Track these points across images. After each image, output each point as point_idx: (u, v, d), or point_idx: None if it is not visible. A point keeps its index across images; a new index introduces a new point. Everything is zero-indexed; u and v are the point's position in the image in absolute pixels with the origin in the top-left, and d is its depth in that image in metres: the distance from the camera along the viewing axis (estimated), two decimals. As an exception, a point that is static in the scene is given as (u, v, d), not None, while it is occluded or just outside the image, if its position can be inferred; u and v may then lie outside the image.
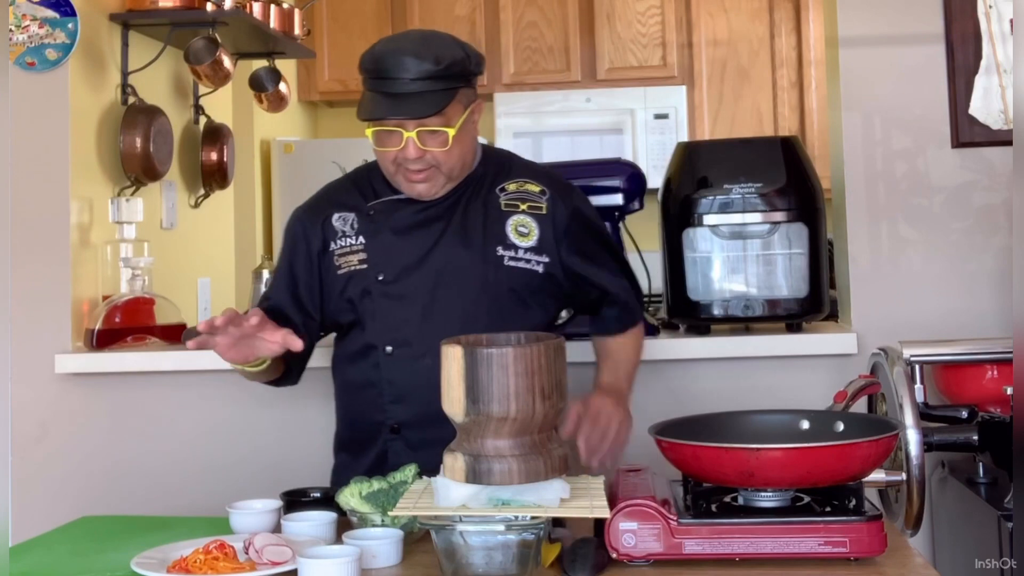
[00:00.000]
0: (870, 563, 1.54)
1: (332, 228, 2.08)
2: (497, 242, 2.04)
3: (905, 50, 2.60)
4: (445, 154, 1.97)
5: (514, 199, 2.07)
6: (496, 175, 2.10)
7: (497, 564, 1.48)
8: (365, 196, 2.10)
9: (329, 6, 4.87)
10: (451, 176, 2.02)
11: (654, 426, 1.70)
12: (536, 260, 2.04)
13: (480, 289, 2.01)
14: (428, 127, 1.94)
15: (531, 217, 2.06)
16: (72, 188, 2.69)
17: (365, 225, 2.07)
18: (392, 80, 1.92)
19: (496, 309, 2.00)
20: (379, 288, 2.03)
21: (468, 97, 2.00)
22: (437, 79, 1.92)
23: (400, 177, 2.01)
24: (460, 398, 1.48)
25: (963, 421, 2.16)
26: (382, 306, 2.03)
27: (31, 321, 2.65)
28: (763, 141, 2.88)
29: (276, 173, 4.50)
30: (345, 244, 2.07)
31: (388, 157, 1.99)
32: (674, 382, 2.53)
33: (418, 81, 1.91)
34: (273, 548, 1.57)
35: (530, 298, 2.05)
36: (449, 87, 1.94)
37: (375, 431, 2.06)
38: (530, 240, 2.05)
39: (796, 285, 2.47)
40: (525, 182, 2.09)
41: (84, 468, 2.64)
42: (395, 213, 2.06)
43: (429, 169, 1.98)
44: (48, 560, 1.73)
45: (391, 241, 2.04)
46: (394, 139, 1.96)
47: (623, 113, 4.76)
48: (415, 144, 1.94)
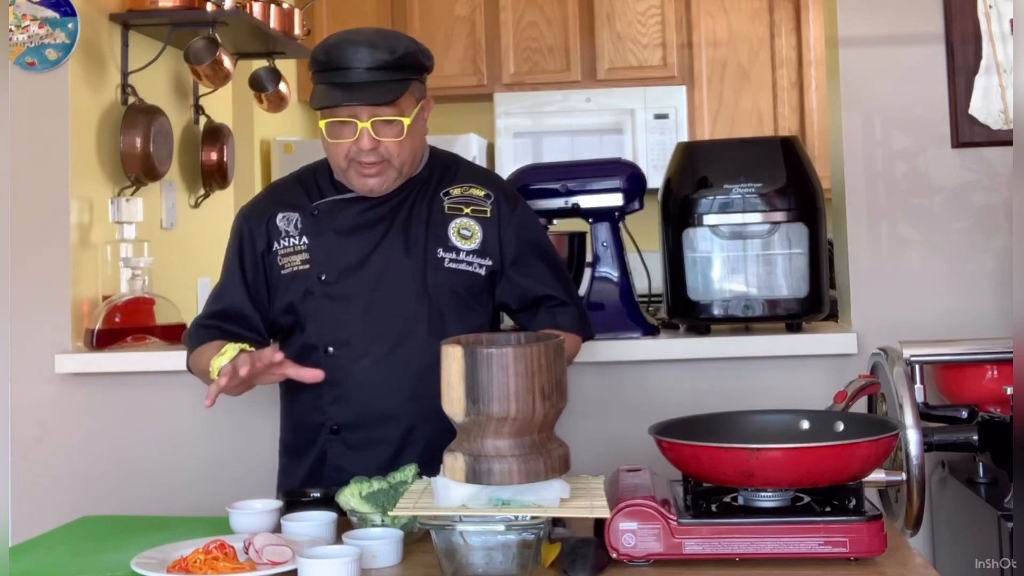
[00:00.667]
0: (870, 563, 1.54)
1: (276, 228, 2.09)
2: (438, 244, 2.04)
3: (905, 50, 2.60)
4: (398, 146, 1.98)
5: (458, 203, 2.09)
6: (441, 179, 2.11)
7: (497, 564, 1.48)
8: (310, 195, 2.10)
9: (329, 6, 4.87)
10: (402, 171, 2.03)
11: (654, 426, 1.70)
12: (479, 263, 2.05)
13: (420, 291, 2.02)
14: (382, 117, 1.96)
15: (475, 220, 2.07)
16: (72, 188, 2.69)
17: (309, 225, 2.07)
18: (346, 70, 1.94)
19: (436, 311, 2.02)
20: (321, 288, 2.04)
21: (420, 92, 2.03)
22: (391, 69, 1.95)
23: (352, 172, 2.02)
24: (460, 398, 1.49)
25: (963, 421, 2.16)
26: (323, 307, 2.04)
27: (31, 321, 2.65)
28: (763, 141, 2.88)
29: (276, 173, 4.50)
30: (289, 244, 2.07)
31: (340, 151, 2.00)
32: (674, 382, 2.53)
33: (373, 70, 1.94)
34: (273, 548, 1.57)
35: (472, 300, 2.05)
36: (403, 78, 1.97)
37: (315, 432, 2.07)
38: (472, 243, 2.06)
39: (796, 285, 2.47)
40: (470, 186, 2.10)
41: (84, 468, 2.64)
42: (339, 214, 2.07)
43: (381, 163, 1.99)
44: (48, 560, 1.73)
45: (334, 242, 2.05)
46: (348, 131, 1.98)
47: (623, 113, 4.76)
48: (369, 134, 1.96)
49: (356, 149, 1.98)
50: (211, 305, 2.14)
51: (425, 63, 2.03)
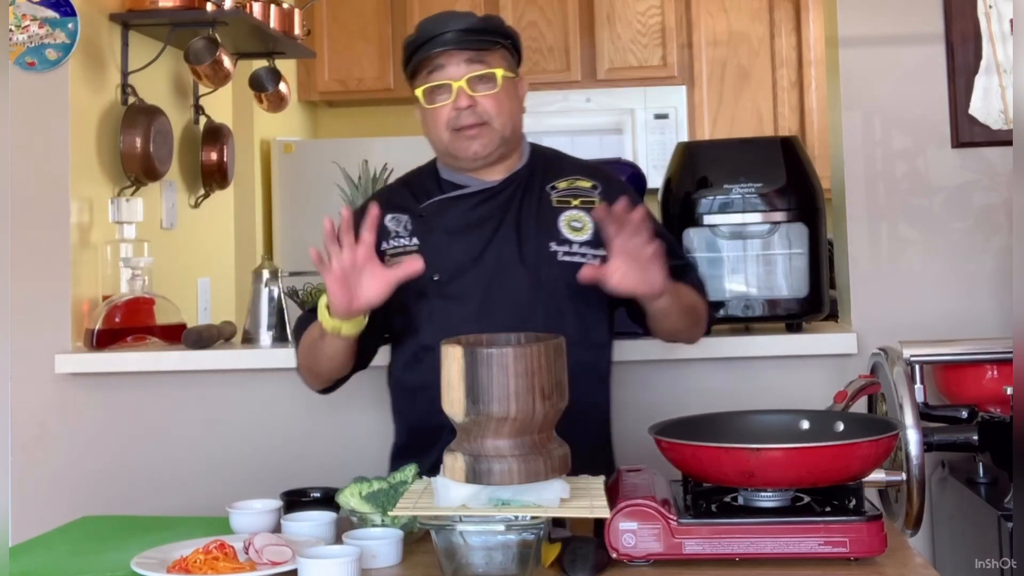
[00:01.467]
0: (870, 563, 1.54)
1: (385, 228, 2.06)
2: (550, 238, 2.02)
3: (905, 50, 2.60)
4: (495, 104, 2.00)
5: (565, 195, 2.07)
6: (546, 172, 2.10)
7: (497, 564, 1.48)
8: (417, 198, 2.09)
9: (329, 6, 4.87)
10: (503, 135, 2.02)
11: (654, 426, 1.70)
12: (592, 254, 2.01)
13: (534, 285, 2.00)
14: (475, 72, 1.99)
15: (584, 212, 2.05)
16: (72, 188, 2.69)
17: (418, 226, 2.06)
18: (435, 37, 2.00)
19: (553, 306, 1.99)
20: (434, 288, 2.01)
21: (510, 63, 2.06)
22: (480, 31, 2.01)
23: (454, 142, 2.02)
24: (460, 398, 1.49)
25: (963, 421, 2.16)
26: (438, 307, 2.01)
27: (31, 321, 2.65)
28: (763, 141, 2.88)
29: (276, 173, 4.50)
30: (398, 244, 2.05)
31: (441, 121, 2.01)
32: (674, 382, 2.53)
33: (461, 32, 2.00)
34: (273, 548, 1.57)
35: (588, 292, 1.99)
36: (492, 39, 2.02)
37: (434, 435, 1.98)
38: (584, 234, 2.03)
39: (796, 285, 2.47)
40: (576, 178, 2.10)
41: (84, 468, 2.64)
42: (447, 213, 2.06)
43: (482, 124, 2.00)
44: (48, 560, 1.73)
45: (445, 241, 2.03)
46: (443, 94, 2.00)
47: (623, 113, 4.76)
48: (465, 92, 1.98)
49: (455, 112, 1.99)
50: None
51: (514, 35, 2.08)
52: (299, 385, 2.37)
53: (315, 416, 2.60)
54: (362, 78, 4.91)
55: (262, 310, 2.65)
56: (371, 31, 4.91)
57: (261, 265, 2.69)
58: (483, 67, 2.00)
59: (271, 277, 2.67)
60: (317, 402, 2.58)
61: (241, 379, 2.63)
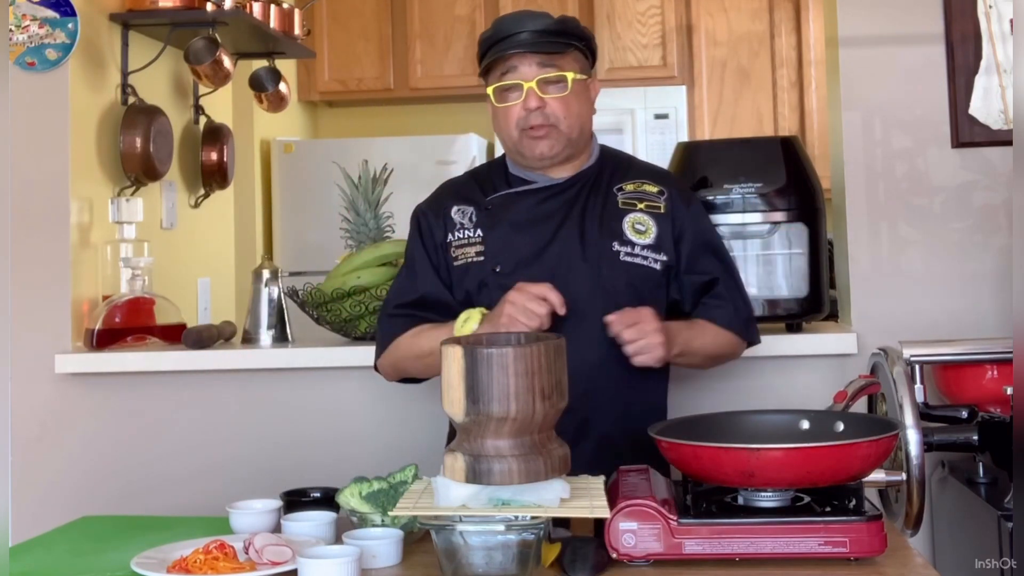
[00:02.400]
0: (870, 563, 1.54)
1: (451, 220, 2.11)
2: (613, 238, 2.05)
3: (905, 50, 2.60)
4: (564, 107, 2.03)
5: (631, 198, 2.10)
6: (613, 174, 2.13)
7: (497, 564, 1.48)
8: (484, 191, 2.13)
9: (329, 6, 4.87)
10: (571, 136, 2.05)
11: (654, 426, 1.70)
12: (654, 258, 2.05)
13: (595, 284, 2.02)
14: (547, 75, 2.02)
15: (649, 215, 2.08)
16: (72, 188, 2.69)
17: (483, 218, 2.09)
18: (510, 37, 2.02)
19: (611, 304, 1.99)
20: (495, 280, 2.03)
21: (583, 64, 2.09)
22: (555, 33, 2.04)
23: (523, 141, 2.05)
24: (460, 398, 1.48)
25: (963, 421, 2.16)
26: (495, 298, 2.00)
27: (31, 321, 2.65)
28: (763, 141, 2.88)
29: (276, 173, 4.50)
30: (463, 236, 2.09)
31: (511, 119, 2.04)
32: (674, 382, 2.53)
33: (536, 33, 2.03)
34: (273, 548, 1.57)
35: (648, 294, 2.04)
36: (566, 41, 2.04)
37: None
38: (647, 238, 2.06)
39: (796, 285, 2.47)
40: (643, 182, 2.12)
41: (84, 468, 2.64)
42: (513, 206, 2.09)
43: (549, 126, 2.03)
44: (48, 560, 1.73)
45: (508, 234, 2.06)
46: (514, 93, 2.04)
47: (623, 113, 4.76)
48: (535, 93, 2.02)
49: (524, 112, 2.03)
50: (401, 296, 2.11)
51: (589, 37, 2.10)
52: (299, 385, 2.38)
53: (315, 416, 2.60)
54: (362, 78, 4.91)
55: (262, 310, 2.65)
56: (371, 31, 4.90)
57: (261, 265, 2.69)
58: (555, 70, 2.03)
59: (271, 277, 2.67)
60: (317, 402, 2.58)
61: (241, 379, 2.63)
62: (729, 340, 2.11)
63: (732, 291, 2.12)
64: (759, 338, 2.18)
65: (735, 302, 2.12)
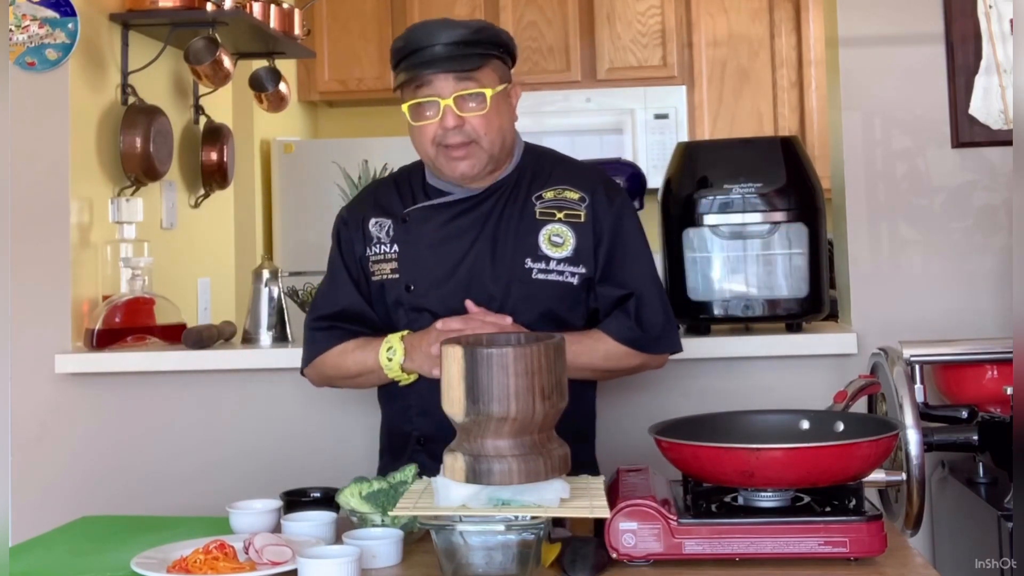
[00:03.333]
0: (870, 563, 1.54)
1: (369, 233, 2.06)
2: (527, 253, 1.99)
3: (905, 50, 2.60)
4: (484, 122, 1.93)
5: (550, 207, 2.02)
6: (533, 180, 2.05)
7: (497, 564, 1.48)
8: (403, 199, 2.07)
9: (329, 6, 4.87)
10: (492, 153, 1.97)
11: (654, 426, 1.70)
12: (571, 271, 1.99)
13: (504, 304, 1.97)
14: (464, 91, 1.92)
15: (567, 226, 2.00)
16: (72, 188, 2.69)
17: (400, 233, 2.04)
18: (424, 49, 1.92)
19: (526, 323, 1.96)
20: (408, 299, 2.01)
21: (503, 72, 1.99)
22: (470, 44, 1.92)
23: (441, 158, 1.97)
24: (460, 398, 1.48)
25: (963, 421, 2.16)
26: (411, 318, 2.01)
27: (31, 321, 2.65)
28: (763, 141, 2.88)
29: (276, 173, 4.50)
30: (379, 252, 2.05)
31: (427, 136, 1.95)
32: (674, 382, 2.53)
33: (450, 45, 1.92)
34: (273, 548, 1.57)
35: (563, 313, 1.99)
36: (483, 52, 1.94)
37: (404, 441, 2.05)
38: (564, 250, 1.99)
39: (796, 285, 2.47)
40: (564, 189, 2.03)
41: (84, 468, 2.64)
42: (429, 221, 2.03)
43: (469, 144, 1.94)
44: (48, 560, 1.73)
45: (422, 253, 2.02)
46: (430, 110, 1.94)
47: (623, 113, 4.76)
48: (453, 111, 1.92)
49: (441, 131, 1.93)
50: (325, 307, 2.08)
51: (507, 41, 1.99)
52: (299, 385, 2.37)
53: (315, 416, 2.60)
54: (362, 78, 4.91)
55: (262, 310, 2.65)
56: (371, 31, 4.90)
57: (261, 265, 2.69)
58: (473, 85, 1.92)
59: (271, 277, 2.67)
60: (317, 402, 2.58)
61: (241, 379, 2.63)
62: (626, 353, 2.01)
63: (643, 305, 2.01)
64: (679, 346, 2.08)
65: (644, 316, 2.00)
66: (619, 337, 2.00)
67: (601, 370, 2.04)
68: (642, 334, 2.01)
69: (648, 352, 2.04)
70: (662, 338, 2.04)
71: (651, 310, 2.02)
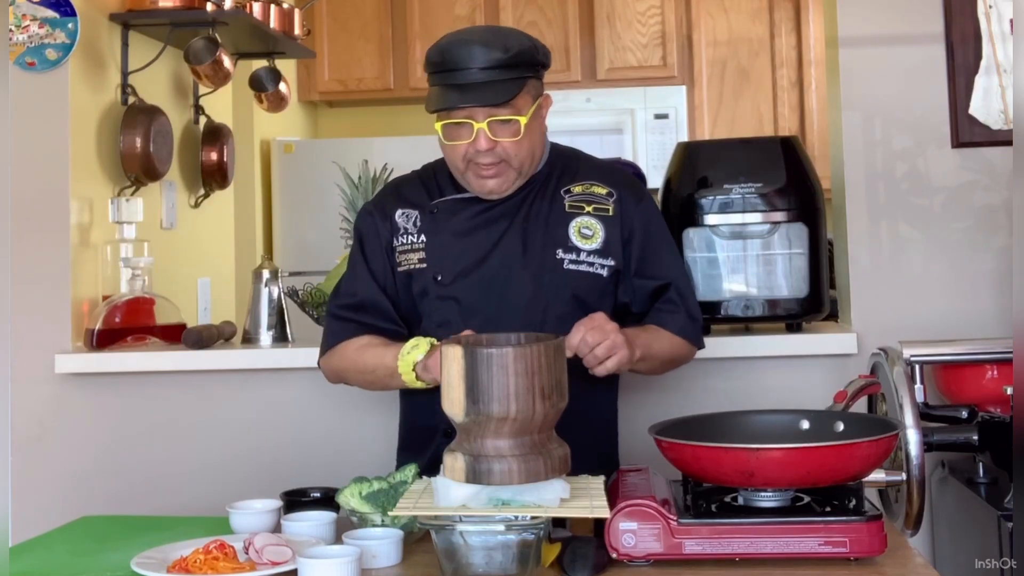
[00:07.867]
0: (870, 563, 1.54)
1: (396, 224, 2.07)
2: (558, 244, 2.00)
3: (905, 50, 2.60)
4: (515, 146, 1.94)
5: (579, 201, 2.05)
6: (562, 175, 2.07)
7: (497, 564, 1.48)
8: (430, 193, 2.08)
9: (329, 6, 4.87)
10: (521, 171, 1.99)
11: (654, 426, 1.70)
12: (600, 263, 2.01)
13: (536, 292, 1.98)
14: (498, 117, 1.92)
15: (596, 219, 2.03)
16: (72, 188, 2.69)
17: (427, 223, 2.05)
18: (460, 71, 1.90)
19: (554, 313, 1.97)
20: (435, 289, 2.01)
21: (536, 89, 1.99)
22: (506, 68, 1.91)
23: (470, 174, 1.98)
24: (460, 398, 1.49)
25: (963, 421, 2.16)
26: (438, 308, 2.01)
27: (31, 321, 2.65)
28: (763, 141, 2.88)
29: (276, 173, 4.50)
30: (407, 242, 2.05)
31: (458, 152, 1.96)
32: (674, 382, 2.53)
33: (487, 70, 1.90)
34: (273, 548, 1.58)
35: (593, 303, 1.99)
36: (518, 76, 1.93)
37: (430, 435, 2.02)
38: (594, 243, 2.01)
39: (796, 285, 2.47)
40: (592, 184, 2.06)
41: (84, 468, 2.64)
42: (458, 213, 2.04)
43: (500, 164, 1.96)
44: (48, 560, 1.73)
45: (450, 242, 2.02)
46: (464, 132, 1.93)
47: (623, 113, 4.76)
48: (486, 135, 1.92)
49: (473, 151, 1.93)
50: (345, 298, 2.09)
51: (541, 59, 1.99)
52: (299, 385, 2.37)
53: (315, 416, 2.60)
54: (362, 78, 4.91)
55: (262, 310, 2.66)
56: (371, 31, 4.91)
57: (261, 265, 2.69)
58: (508, 112, 1.92)
59: (271, 277, 2.67)
60: (317, 402, 2.58)
61: (241, 379, 2.63)
62: (682, 346, 2.06)
63: (684, 296, 2.07)
64: (704, 343, 2.14)
65: (687, 308, 2.06)
66: (674, 329, 2.04)
67: (667, 361, 2.06)
68: (690, 326, 2.07)
69: (696, 345, 2.10)
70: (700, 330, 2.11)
71: (692, 302, 2.09)
